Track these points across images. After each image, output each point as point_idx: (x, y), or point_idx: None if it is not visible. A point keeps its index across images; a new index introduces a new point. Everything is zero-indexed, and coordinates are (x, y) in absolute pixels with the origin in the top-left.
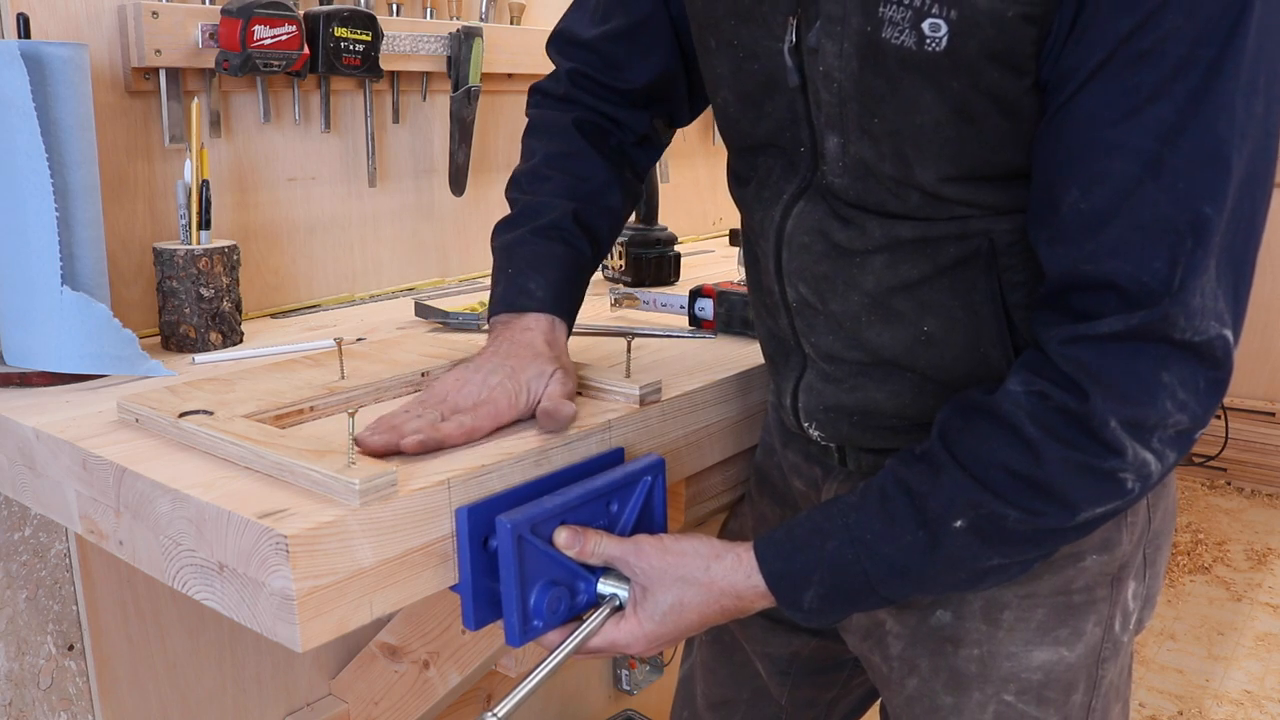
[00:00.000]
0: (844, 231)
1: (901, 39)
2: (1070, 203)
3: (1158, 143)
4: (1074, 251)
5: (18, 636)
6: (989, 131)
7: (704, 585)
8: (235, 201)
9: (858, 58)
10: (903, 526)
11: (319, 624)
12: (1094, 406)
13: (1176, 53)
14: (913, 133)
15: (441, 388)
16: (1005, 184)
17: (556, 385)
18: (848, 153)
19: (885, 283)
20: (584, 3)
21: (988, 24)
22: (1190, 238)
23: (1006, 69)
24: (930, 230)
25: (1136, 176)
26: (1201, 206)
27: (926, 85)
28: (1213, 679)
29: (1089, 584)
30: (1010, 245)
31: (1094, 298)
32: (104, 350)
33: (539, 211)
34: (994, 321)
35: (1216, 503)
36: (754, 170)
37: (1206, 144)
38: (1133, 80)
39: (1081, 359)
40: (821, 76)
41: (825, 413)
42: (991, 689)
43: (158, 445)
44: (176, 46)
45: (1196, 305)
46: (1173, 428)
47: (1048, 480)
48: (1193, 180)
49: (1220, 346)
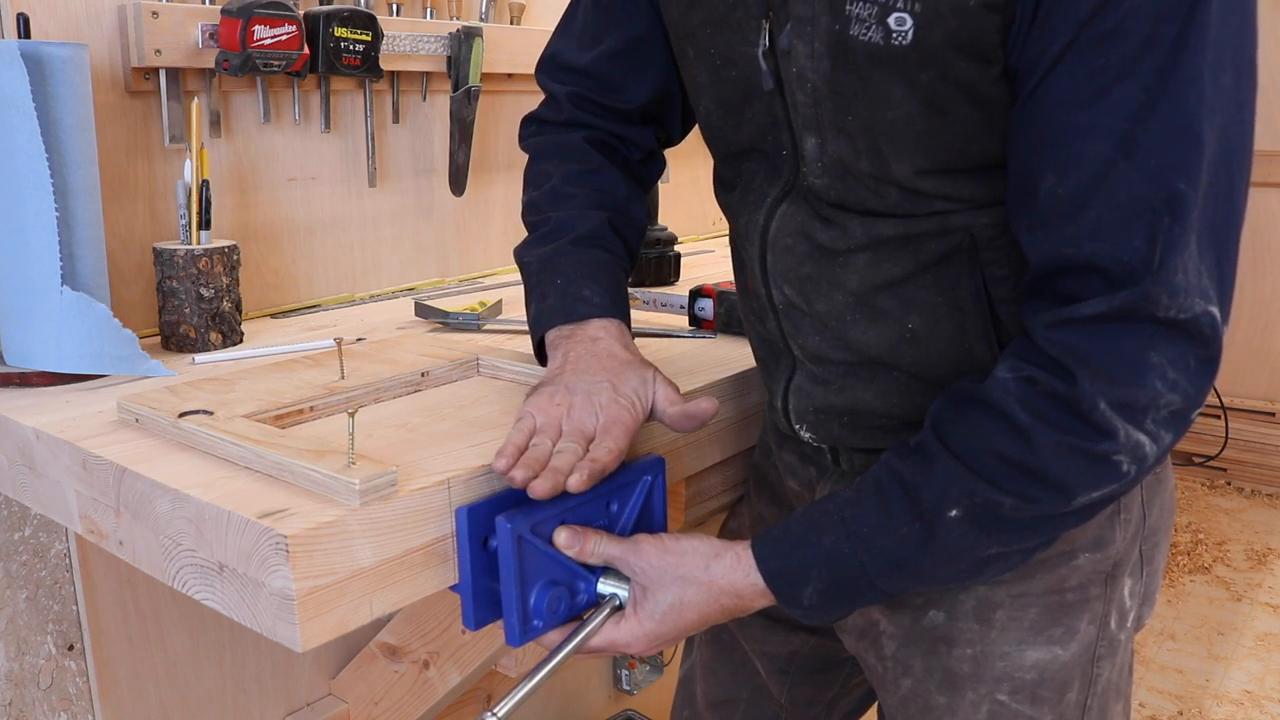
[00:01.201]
0: (826, 232)
1: (869, 35)
2: (1047, 188)
3: (1128, 122)
4: (1054, 237)
5: (18, 636)
6: (960, 122)
7: (704, 584)
8: (235, 201)
9: (829, 57)
10: (899, 519)
11: (319, 624)
12: (1082, 389)
13: (1139, 31)
14: (886, 128)
15: (548, 416)
16: (982, 176)
17: (666, 388)
18: (826, 152)
19: (869, 281)
20: (570, 26)
21: (950, 15)
22: (1167, 214)
23: (973, 59)
24: (911, 227)
25: (1109, 157)
26: (1176, 182)
27: (896, 80)
28: (1213, 679)
29: (1082, 582)
30: (991, 240)
31: (1077, 281)
32: (104, 350)
33: (573, 224)
34: (978, 317)
35: (1216, 503)
36: (739, 176)
37: (1177, 120)
38: (1098, 62)
39: (1067, 342)
40: (796, 78)
41: (815, 414)
42: (985, 689)
43: (158, 445)
44: (176, 46)
45: (1180, 282)
46: (1166, 408)
47: (1041, 465)
48: (1165, 157)
49: (1207, 323)
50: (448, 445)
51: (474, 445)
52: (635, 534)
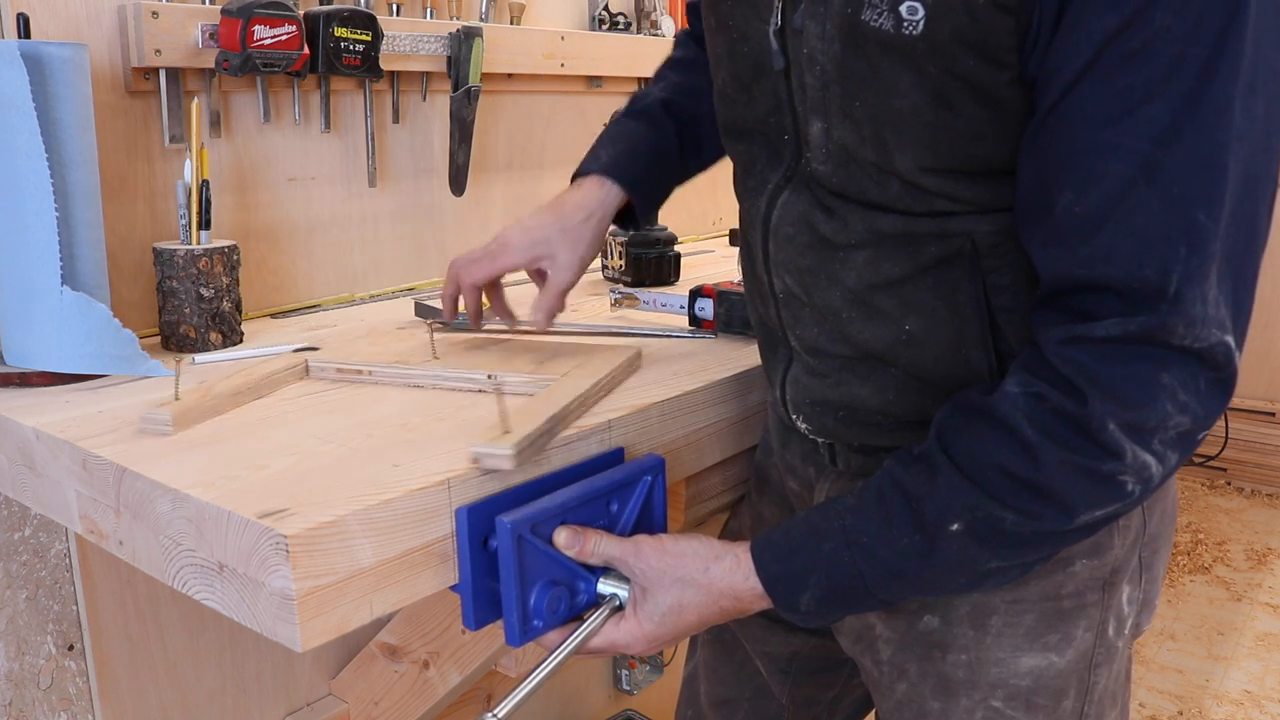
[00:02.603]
0: (828, 223)
1: (880, 21)
2: (1064, 205)
3: (1152, 145)
4: (1068, 255)
5: (18, 636)
6: (967, 120)
7: (703, 586)
8: (235, 201)
9: (840, 40)
10: (899, 529)
11: (319, 624)
12: (1092, 409)
13: (1167, 52)
14: (892, 117)
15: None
16: (985, 180)
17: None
18: (831, 138)
19: (867, 279)
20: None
21: (961, 9)
22: (1183, 245)
23: (982, 58)
24: (911, 226)
25: (1130, 178)
26: (1196, 213)
27: (905, 69)
28: (1213, 679)
29: (1079, 589)
30: (993, 247)
31: (1092, 299)
32: (104, 350)
33: (635, 101)
34: (977, 324)
35: (1216, 503)
36: (739, 157)
37: (1202, 148)
38: (1125, 81)
39: (1079, 361)
40: (806, 59)
41: (811, 406)
42: (979, 695)
43: (158, 445)
44: (176, 46)
45: (1198, 314)
46: (1174, 429)
47: (1046, 483)
48: (1187, 186)
49: (1222, 352)
50: (448, 445)
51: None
52: (635, 534)
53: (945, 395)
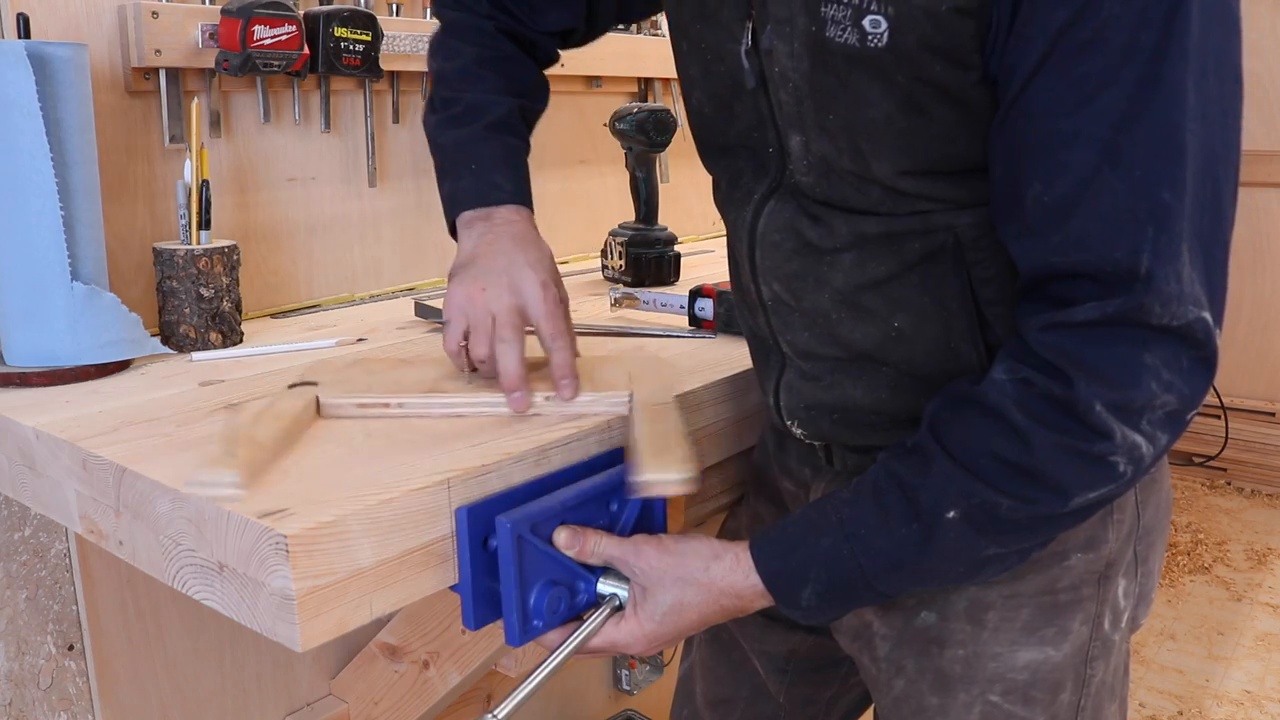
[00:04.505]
0: (814, 229)
1: (845, 37)
2: (1033, 197)
3: (1113, 130)
4: (1042, 245)
5: (18, 636)
6: (939, 124)
7: (704, 585)
8: (235, 201)
9: (808, 57)
10: (896, 520)
11: (319, 624)
12: (1078, 391)
13: (1118, 40)
14: (865, 127)
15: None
16: (963, 178)
17: None
18: (810, 150)
19: (854, 280)
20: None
21: (924, 19)
22: (1151, 225)
23: (949, 62)
24: (894, 225)
25: (1094, 164)
26: (1160, 193)
27: (874, 81)
28: (1213, 679)
29: (1074, 583)
30: (976, 240)
31: (1069, 286)
32: (118, 336)
33: (487, 109)
34: (964, 317)
35: (1216, 503)
36: (725, 172)
37: (1160, 130)
38: (1080, 70)
39: (1062, 345)
40: (778, 77)
41: (806, 410)
42: (977, 689)
43: (158, 445)
44: (176, 46)
45: (1172, 291)
46: (1161, 409)
47: (1038, 466)
48: (1149, 167)
49: (1200, 329)
50: (448, 445)
51: (474, 445)
52: (635, 534)
53: (937, 390)
